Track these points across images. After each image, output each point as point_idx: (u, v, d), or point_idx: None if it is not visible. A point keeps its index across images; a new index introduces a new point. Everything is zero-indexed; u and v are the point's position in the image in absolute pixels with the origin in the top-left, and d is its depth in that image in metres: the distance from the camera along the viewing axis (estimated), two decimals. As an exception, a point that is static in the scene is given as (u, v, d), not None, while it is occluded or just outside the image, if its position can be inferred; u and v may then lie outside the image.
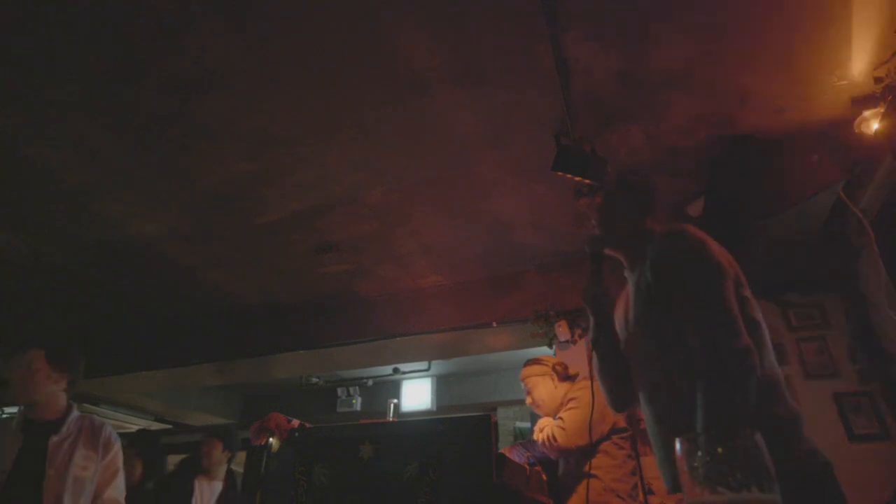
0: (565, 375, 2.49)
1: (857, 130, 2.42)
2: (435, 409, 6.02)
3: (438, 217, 3.31)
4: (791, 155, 2.46)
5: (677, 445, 0.64)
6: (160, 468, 3.32)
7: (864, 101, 2.38)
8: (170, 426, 6.65)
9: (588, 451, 2.24)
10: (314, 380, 6.24)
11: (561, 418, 2.31)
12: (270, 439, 2.15)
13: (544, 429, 2.35)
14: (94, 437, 2.11)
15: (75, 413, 2.15)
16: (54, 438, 2.01)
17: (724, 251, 1.37)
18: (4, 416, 4.90)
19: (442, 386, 6.22)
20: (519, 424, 5.71)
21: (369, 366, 5.53)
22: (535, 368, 2.55)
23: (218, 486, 3.24)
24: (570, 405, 2.35)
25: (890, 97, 2.21)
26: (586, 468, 2.22)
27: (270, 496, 2.01)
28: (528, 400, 2.57)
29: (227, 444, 3.27)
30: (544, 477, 2.30)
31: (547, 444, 2.30)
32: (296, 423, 2.17)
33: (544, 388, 2.47)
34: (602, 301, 1.52)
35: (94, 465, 2.06)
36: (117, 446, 2.18)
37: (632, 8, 1.98)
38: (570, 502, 2.23)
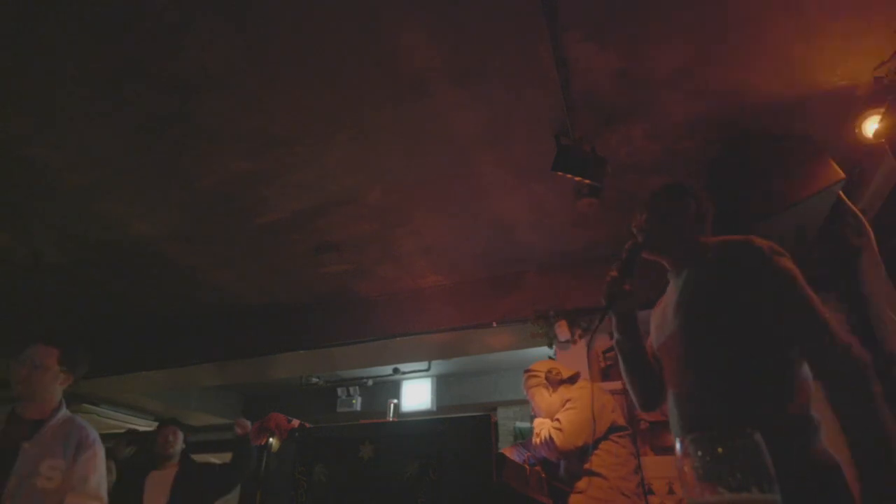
0: (559, 381, 2.51)
1: (856, 130, 2.42)
2: (435, 409, 6.02)
3: (438, 217, 3.31)
4: (791, 155, 2.45)
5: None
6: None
7: (864, 101, 2.38)
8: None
9: (588, 450, 2.24)
10: (314, 380, 6.24)
11: (558, 419, 2.32)
12: (270, 439, 2.15)
13: (541, 431, 2.36)
14: (66, 444, 1.94)
15: (62, 413, 2.02)
16: (27, 444, 1.88)
17: None
18: None
19: (442, 386, 6.22)
20: (519, 424, 5.69)
21: (369, 366, 5.53)
22: (530, 381, 2.58)
23: (170, 472, 3.31)
24: (567, 406, 2.36)
25: (890, 97, 2.21)
26: (590, 467, 2.22)
27: (270, 496, 2.01)
28: (532, 411, 2.60)
29: (182, 431, 3.48)
30: (544, 476, 2.30)
31: (544, 445, 2.30)
32: (296, 423, 2.17)
33: (541, 398, 2.52)
34: (625, 300, 1.50)
35: (60, 474, 1.89)
36: (90, 453, 1.98)
37: (632, 8, 1.97)
38: (576, 502, 2.23)
